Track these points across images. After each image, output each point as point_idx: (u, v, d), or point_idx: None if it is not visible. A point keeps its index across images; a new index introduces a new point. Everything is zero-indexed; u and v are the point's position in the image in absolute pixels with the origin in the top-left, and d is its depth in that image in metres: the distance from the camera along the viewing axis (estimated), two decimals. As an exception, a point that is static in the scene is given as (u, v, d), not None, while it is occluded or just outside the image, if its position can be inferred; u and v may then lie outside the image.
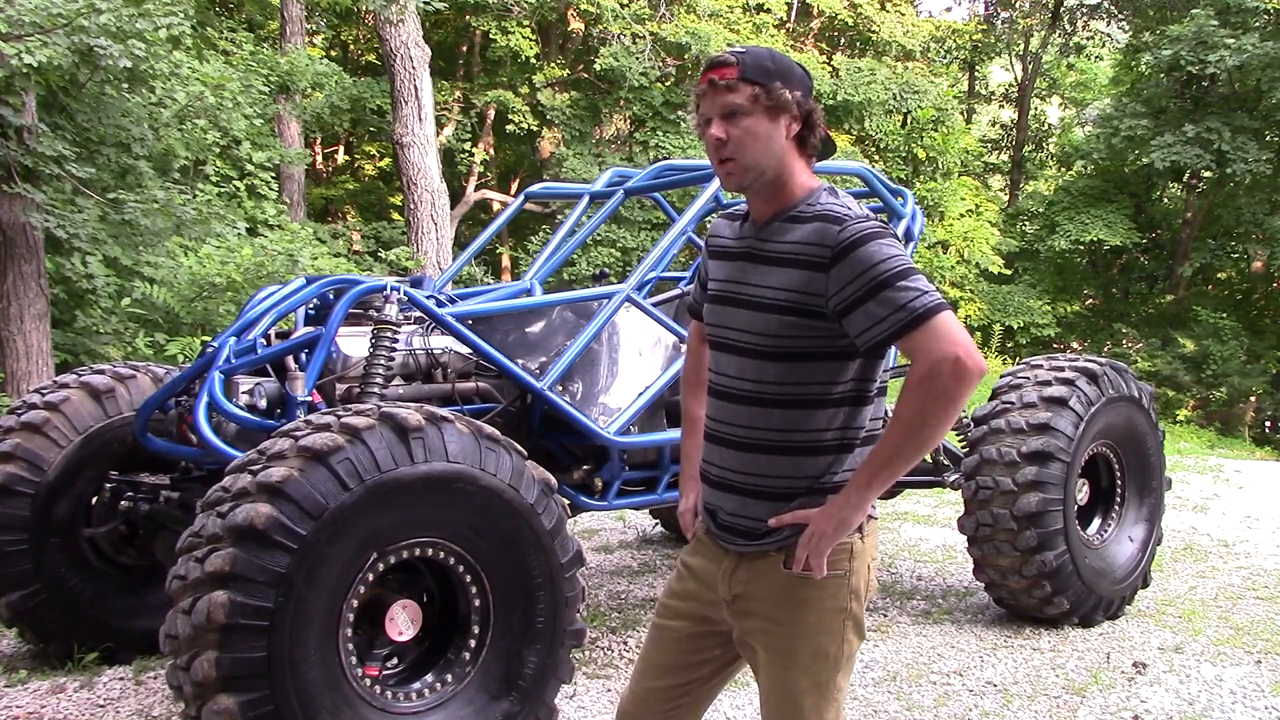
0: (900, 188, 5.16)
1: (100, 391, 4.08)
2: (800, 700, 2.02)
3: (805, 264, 1.92)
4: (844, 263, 1.87)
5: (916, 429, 1.85)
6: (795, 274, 1.93)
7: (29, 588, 3.94)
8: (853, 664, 2.10)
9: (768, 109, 1.93)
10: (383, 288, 3.81)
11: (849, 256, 1.87)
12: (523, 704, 3.18)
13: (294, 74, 11.42)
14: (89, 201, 6.70)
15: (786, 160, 1.97)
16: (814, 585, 1.99)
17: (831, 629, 2.01)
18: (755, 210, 2.05)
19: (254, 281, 7.64)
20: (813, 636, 2.01)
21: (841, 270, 1.87)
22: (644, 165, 8.83)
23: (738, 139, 1.94)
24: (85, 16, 5.89)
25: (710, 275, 2.14)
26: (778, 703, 2.05)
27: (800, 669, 2.02)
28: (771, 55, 1.96)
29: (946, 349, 1.81)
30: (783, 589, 2.01)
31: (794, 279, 1.93)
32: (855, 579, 2.02)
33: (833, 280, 1.88)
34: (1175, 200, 21.67)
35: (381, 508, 2.91)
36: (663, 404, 4.25)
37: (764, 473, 2.01)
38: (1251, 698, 4.03)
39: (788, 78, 1.95)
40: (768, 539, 2.01)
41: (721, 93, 1.93)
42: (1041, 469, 4.59)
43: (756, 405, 2.00)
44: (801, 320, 1.93)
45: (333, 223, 17.43)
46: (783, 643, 2.02)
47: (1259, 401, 18.53)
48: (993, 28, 24.18)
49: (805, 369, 1.95)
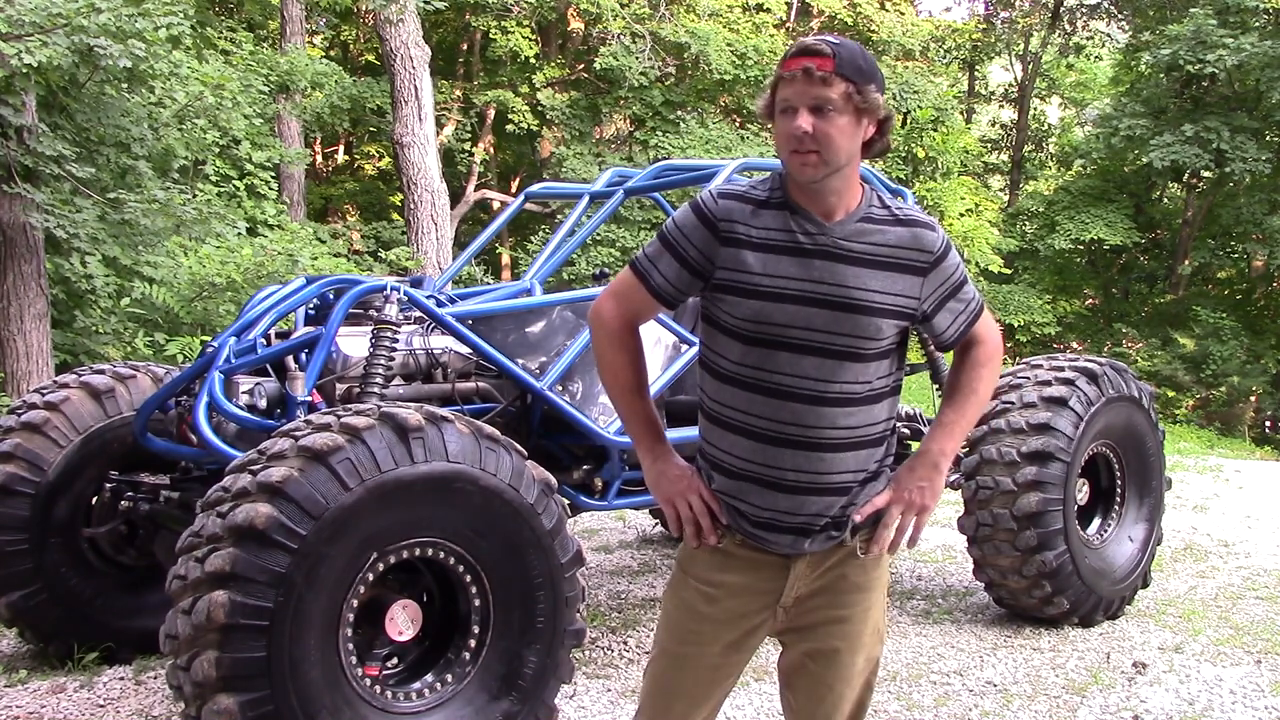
0: (900, 188, 5.16)
1: (100, 391, 4.08)
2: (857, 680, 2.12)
3: (906, 268, 1.98)
4: (940, 268, 2.01)
5: (985, 400, 2.12)
6: (898, 278, 1.97)
7: (29, 588, 3.94)
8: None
9: (858, 109, 1.90)
10: (383, 288, 3.81)
11: (944, 262, 2.02)
12: (523, 704, 3.18)
13: (294, 74, 11.42)
14: (89, 201, 6.70)
15: (856, 160, 1.97)
16: (880, 565, 2.09)
17: (881, 606, 2.13)
18: (820, 206, 1.96)
19: (254, 281, 7.64)
20: (875, 614, 2.11)
21: (937, 275, 2.01)
22: (644, 165, 8.84)
23: (825, 135, 1.87)
24: (85, 16, 5.88)
25: (741, 267, 1.95)
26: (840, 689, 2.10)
27: (863, 650, 2.10)
28: (863, 53, 1.92)
29: (998, 334, 2.16)
30: (859, 576, 2.06)
31: (897, 283, 1.97)
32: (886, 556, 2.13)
33: (928, 283, 2.00)
34: (1175, 200, 21.68)
35: (381, 508, 2.91)
36: (663, 404, 4.25)
37: (829, 470, 1.97)
38: (1251, 698, 4.03)
39: (877, 79, 1.93)
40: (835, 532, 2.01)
41: (815, 84, 1.86)
42: (1041, 469, 4.59)
43: (836, 405, 1.95)
44: (898, 322, 1.99)
45: (333, 223, 17.42)
46: (855, 628, 2.08)
47: (1259, 401, 18.52)
48: (992, 27, 24.19)
49: (883, 366, 2.02)
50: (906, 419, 5.26)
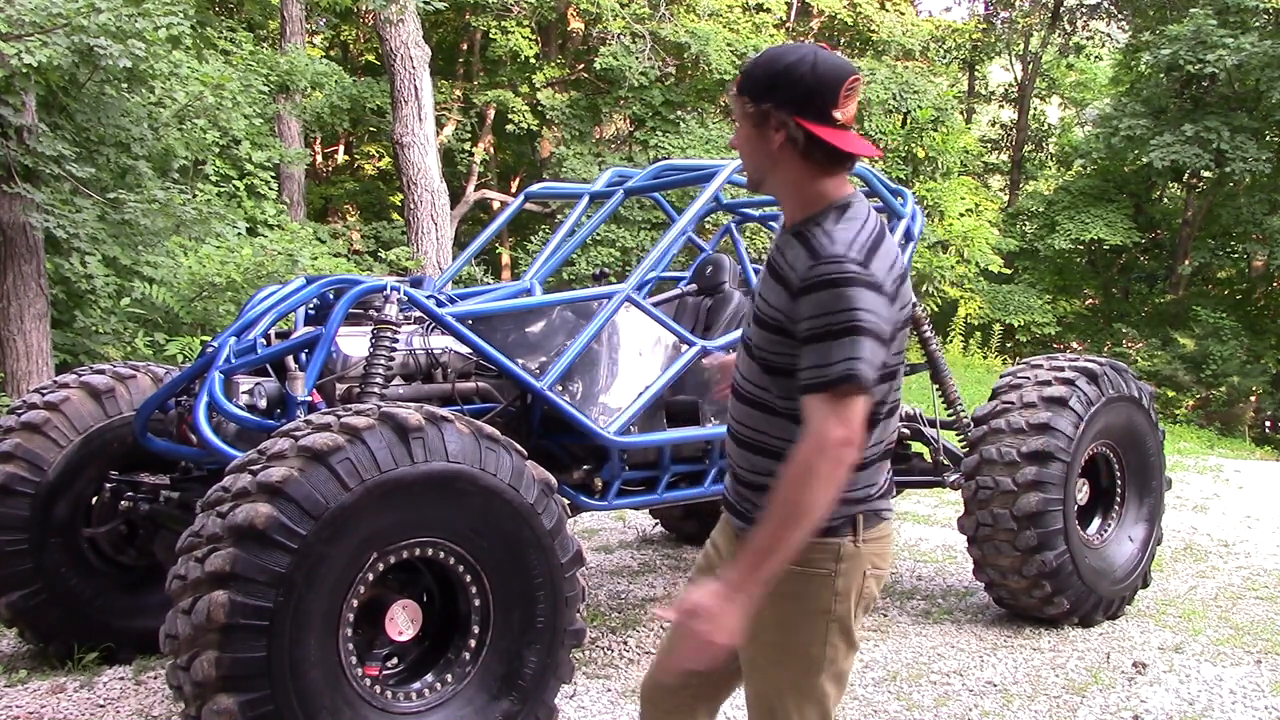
0: (900, 188, 5.16)
1: (100, 391, 4.08)
2: (780, 699, 2.01)
3: (786, 283, 1.93)
4: (806, 299, 1.87)
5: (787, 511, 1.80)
6: (780, 291, 1.95)
7: (29, 588, 3.93)
8: (840, 672, 2.04)
9: (754, 119, 1.98)
10: (383, 288, 3.81)
11: (810, 296, 1.87)
12: (523, 704, 3.18)
13: (294, 74, 11.41)
14: (89, 201, 6.69)
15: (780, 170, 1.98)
16: (798, 581, 1.96)
17: (813, 629, 2.00)
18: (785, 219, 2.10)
19: (254, 281, 7.64)
20: (793, 633, 2.00)
21: (803, 304, 1.88)
22: (644, 165, 8.83)
23: (739, 147, 2.05)
24: (85, 16, 5.88)
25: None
26: (756, 697, 2.06)
27: (780, 665, 2.02)
28: (768, 64, 1.96)
29: (831, 433, 1.79)
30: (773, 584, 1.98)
31: (780, 297, 1.95)
32: (841, 580, 1.99)
33: (799, 308, 1.89)
34: (1175, 200, 21.67)
35: (381, 508, 2.91)
36: (662, 404, 4.25)
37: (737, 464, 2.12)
38: (1251, 698, 4.03)
39: (769, 87, 1.94)
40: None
41: (734, 102, 2.04)
42: (1041, 469, 4.59)
43: (756, 409, 2.06)
44: (779, 337, 1.96)
45: (333, 222, 17.42)
46: (764, 635, 1.99)
47: (1259, 401, 18.51)
48: (992, 27, 24.19)
49: (785, 382, 1.95)
50: (906, 419, 5.26)
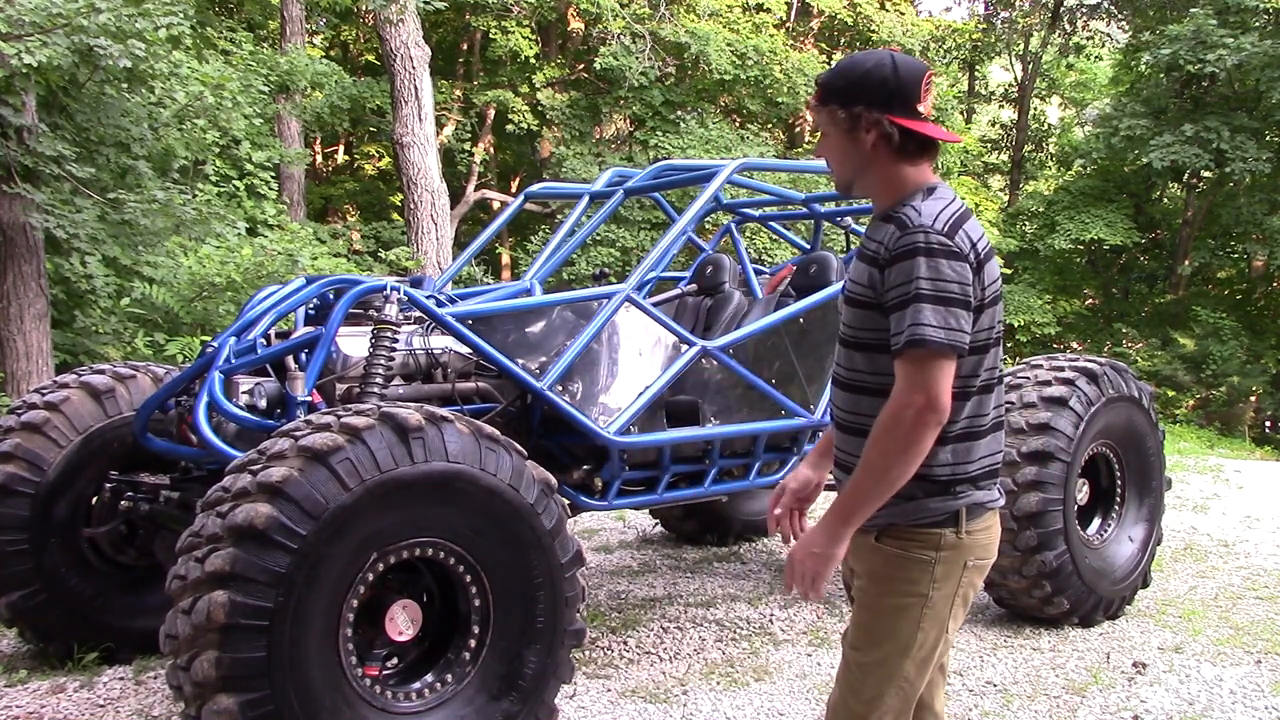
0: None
1: (100, 391, 4.08)
2: (863, 678, 2.11)
3: (872, 260, 2.04)
4: (895, 267, 1.98)
5: (882, 470, 1.96)
6: (867, 269, 2.05)
7: (29, 588, 3.94)
8: (925, 659, 2.12)
9: (844, 126, 2.06)
10: (383, 288, 3.81)
11: (899, 264, 1.97)
12: (523, 704, 3.18)
13: (294, 74, 11.42)
14: (89, 201, 6.70)
15: (873, 167, 2.08)
16: (898, 565, 2.07)
17: (909, 613, 2.08)
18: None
19: (254, 281, 7.65)
20: (890, 617, 2.10)
21: (891, 273, 1.99)
22: (644, 165, 8.84)
23: (827, 155, 2.14)
24: (85, 16, 5.89)
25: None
26: (844, 673, 2.16)
27: (870, 645, 2.12)
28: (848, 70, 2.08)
29: (915, 392, 1.93)
30: (874, 565, 2.11)
31: (866, 274, 2.05)
32: (941, 569, 2.06)
33: (886, 279, 2.00)
34: (1175, 200, 21.66)
35: (381, 508, 2.91)
36: (663, 404, 4.25)
37: (850, 450, 2.13)
38: (1251, 698, 4.03)
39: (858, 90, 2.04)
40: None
41: (816, 114, 2.14)
42: (1041, 469, 4.59)
43: (851, 391, 2.13)
44: (871, 313, 2.04)
45: (333, 223, 17.42)
46: (863, 617, 2.14)
47: (1259, 401, 18.51)
48: (992, 27, 24.16)
49: (884, 359, 2.03)
50: None
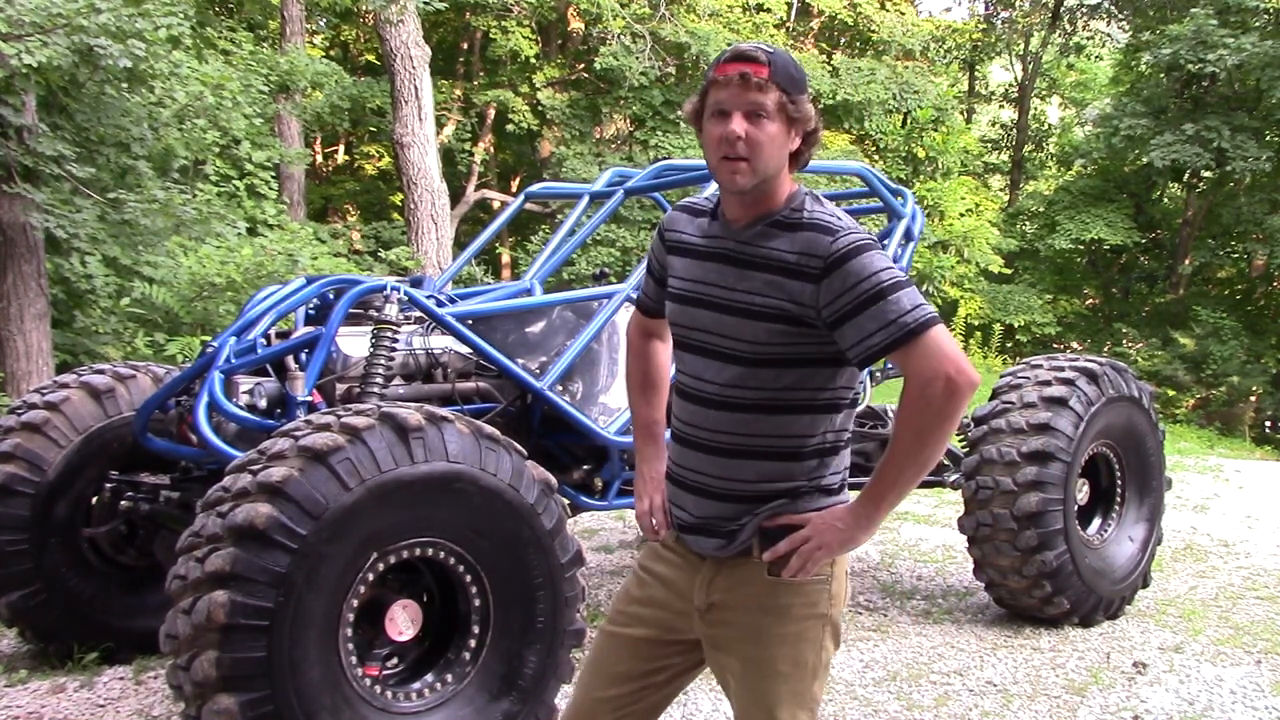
0: (900, 187, 5.16)
1: (100, 391, 4.08)
2: (777, 710, 1.99)
3: (795, 273, 1.88)
4: (836, 274, 1.84)
5: (916, 449, 1.85)
6: (784, 282, 1.88)
7: (29, 588, 3.94)
8: (828, 672, 2.06)
9: (790, 118, 1.90)
10: (383, 288, 3.82)
11: (842, 269, 1.84)
12: (523, 704, 3.18)
13: (294, 74, 11.40)
14: (89, 201, 6.69)
15: (783, 169, 1.95)
16: (795, 592, 1.97)
17: (811, 637, 1.99)
18: (733, 212, 1.99)
19: (254, 281, 7.64)
20: (792, 644, 1.98)
21: (833, 282, 1.84)
22: (644, 165, 8.83)
23: (756, 142, 1.88)
24: (85, 16, 5.88)
25: (673, 272, 2.07)
26: (754, 715, 2.02)
27: (779, 678, 1.98)
28: (795, 64, 1.92)
29: (937, 366, 1.81)
30: (763, 595, 1.98)
31: (783, 288, 1.88)
32: (835, 585, 2.00)
33: (824, 291, 1.85)
34: (1175, 199, 21.65)
35: (381, 508, 2.91)
36: (662, 404, 4.25)
37: (743, 477, 1.97)
38: (1251, 698, 4.03)
39: (805, 90, 1.92)
40: (742, 540, 1.97)
41: (751, 90, 1.86)
42: (1041, 469, 4.59)
43: (736, 410, 1.95)
44: (783, 327, 1.89)
45: (333, 223, 17.42)
46: (762, 651, 1.98)
47: (1259, 401, 18.49)
48: (993, 27, 24.17)
49: (795, 375, 1.93)
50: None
